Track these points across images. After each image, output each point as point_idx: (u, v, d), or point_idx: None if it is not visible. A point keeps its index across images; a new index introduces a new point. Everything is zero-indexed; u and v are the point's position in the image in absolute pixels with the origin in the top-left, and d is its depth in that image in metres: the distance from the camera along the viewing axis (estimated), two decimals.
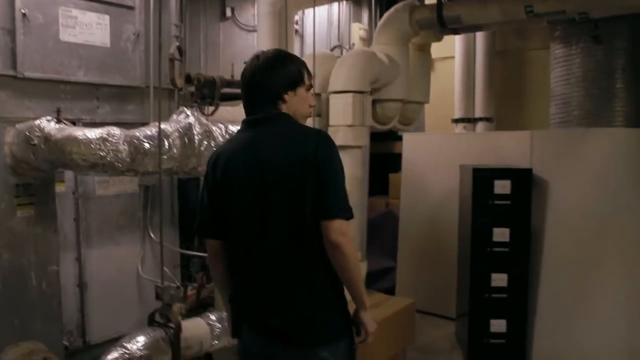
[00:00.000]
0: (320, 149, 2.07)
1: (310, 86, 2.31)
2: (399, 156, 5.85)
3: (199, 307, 4.39)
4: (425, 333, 5.02)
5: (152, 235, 4.57)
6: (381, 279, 6.13)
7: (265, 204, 2.09)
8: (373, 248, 6.02)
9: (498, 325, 4.47)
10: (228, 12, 6.01)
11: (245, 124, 2.30)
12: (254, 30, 5.64)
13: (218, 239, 2.28)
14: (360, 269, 2.20)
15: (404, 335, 4.32)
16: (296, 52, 6.11)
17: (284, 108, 2.20)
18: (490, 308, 4.46)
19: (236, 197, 2.17)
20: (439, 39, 4.98)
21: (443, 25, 4.57)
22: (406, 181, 5.74)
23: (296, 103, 2.24)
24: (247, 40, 6.03)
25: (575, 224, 4.33)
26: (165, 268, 4.37)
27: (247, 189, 2.14)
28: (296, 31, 6.15)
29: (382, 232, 6.15)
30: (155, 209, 4.59)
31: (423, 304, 5.10)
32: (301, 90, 2.25)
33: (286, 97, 2.20)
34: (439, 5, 4.50)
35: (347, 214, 2.07)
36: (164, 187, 4.68)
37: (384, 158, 6.71)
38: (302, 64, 2.30)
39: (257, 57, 2.25)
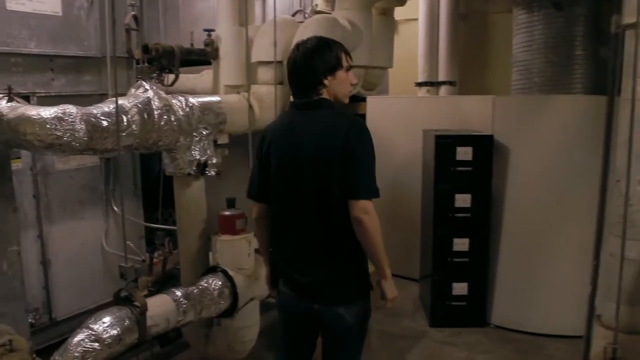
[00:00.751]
0: (350, 136, 2.36)
1: (350, 67, 2.58)
2: (363, 117, 5.83)
3: (165, 279, 4.39)
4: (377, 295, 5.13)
5: (115, 208, 4.52)
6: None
7: (298, 179, 2.46)
8: None
9: (460, 288, 4.61)
10: None
11: (292, 106, 2.64)
12: None
13: (262, 203, 2.68)
14: (381, 242, 2.44)
15: None
16: (257, 15, 5.97)
17: (325, 92, 2.49)
18: (452, 272, 4.59)
19: (278, 169, 2.55)
20: (402, 4, 4.93)
21: None
22: None
23: (336, 85, 2.51)
24: (207, 1, 5.85)
25: (534, 188, 4.43)
26: (129, 242, 4.37)
27: (286, 164, 2.52)
28: None
29: None
30: (117, 182, 4.52)
31: None
32: (340, 73, 2.52)
33: (326, 82, 2.47)
34: None
35: (373, 195, 2.39)
36: (125, 159, 4.60)
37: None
38: (340, 47, 2.57)
39: (297, 47, 2.56)
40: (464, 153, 4.40)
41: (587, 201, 4.20)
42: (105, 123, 3.22)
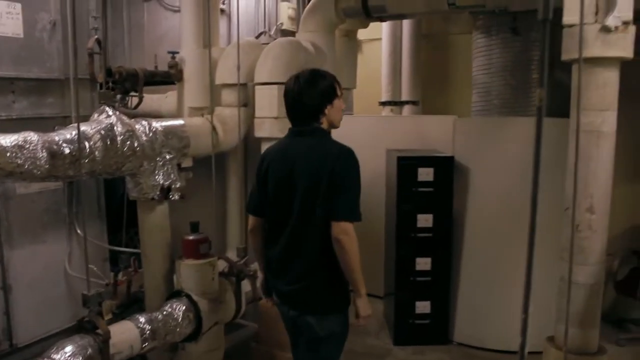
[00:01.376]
0: (338, 163, 2.62)
1: (341, 94, 2.85)
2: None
3: (130, 303, 4.37)
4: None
5: (78, 231, 4.48)
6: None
7: (290, 198, 2.72)
8: None
9: (423, 306, 4.69)
10: None
11: (290, 132, 2.89)
12: (180, 11, 5.49)
13: (258, 216, 2.96)
14: (358, 262, 2.64)
15: None
16: (223, 34, 6.00)
17: (324, 120, 2.78)
18: (415, 290, 4.67)
19: (274, 189, 2.82)
20: (365, 26, 5.02)
21: (368, 14, 4.61)
22: None
23: (333, 113, 2.80)
24: (172, 21, 5.85)
25: (494, 208, 4.54)
26: (92, 266, 4.34)
27: (281, 185, 2.78)
28: (222, 11, 6.03)
29: None
30: (81, 204, 4.49)
31: None
32: (336, 102, 2.80)
33: (326, 111, 2.76)
34: None
35: (353, 218, 2.62)
36: (89, 181, 4.56)
37: None
38: (332, 77, 2.84)
39: (296, 78, 2.80)
40: (426, 174, 4.50)
41: (545, 221, 4.36)
42: (67, 150, 3.22)
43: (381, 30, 6.04)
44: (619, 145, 3.28)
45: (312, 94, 2.74)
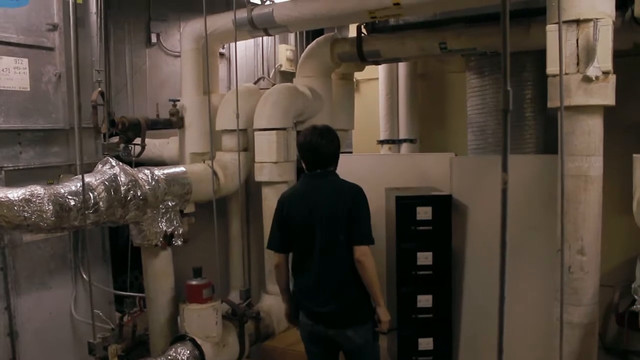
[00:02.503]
0: (354, 200, 3.16)
1: None
2: None
3: (135, 345, 4.43)
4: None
5: (84, 275, 4.56)
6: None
7: (314, 231, 3.16)
8: None
9: (426, 343, 4.70)
10: (154, 38, 6.00)
11: (307, 176, 3.31)
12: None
13: (282, 253, 3.34)
14: (377, 277, 3.18)
15: None
16: (223, 77, 6.16)
17: (335, 165, 3.32)
18: (418, 327, 4.69)
19: (298, 225, 3.23)
20: (361, 69, 5.16)
21: (363, 59, 4.74)
22: None
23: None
24: (174, 65, 6.03)
25: (492, 245, 4.55)
26: (97, 311, 4.41)
27: (305, 221, 3.20)
28: (222, 54, 6.20)
29: None
30: (86, 249, 4.58)
31: None
32: None
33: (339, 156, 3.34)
34: (358, 41, 4.67)
35: (370, 242, 3.16)
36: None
37: None
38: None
39: (314, 129, 3.30)
40: (424, 213, 4.56)
41: (541, 256, 4.42)
42: (72, 202, 3.33)
43: (377, 70, 6.18)
44: (616, 178, 3.37)
45: (331, 144, 3.27)
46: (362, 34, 4.76)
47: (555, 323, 3.06)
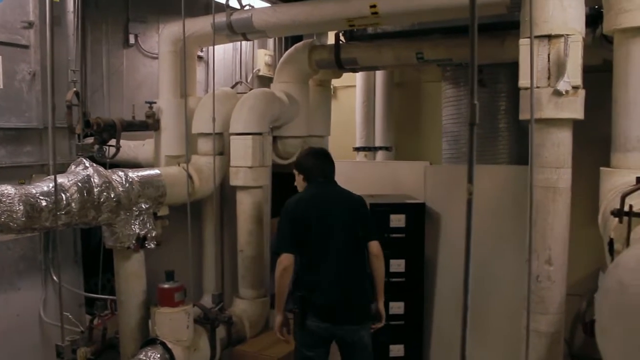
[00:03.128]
0: (364, 204, 3.68)
1: None
2: None
3: (105, 349, 4.38)
4: (333, 354, 5.23)
5: (54, 277, 4.51)
6: (290, 300, 6.29)
7: (331, 232, 3.44)
8: None
9: (397, 349, 4.74)
10: (132, 39, 5.94)
11: (318, 183, 3.62)
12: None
13: (293, 255, 3.42)
14: None
15: None
16: (200, 80, 6.15)
17: None
18: (390, 334, 4.71)
19: (313, 224, 3.44)
20: (339, 76, 5.20)
21: (341, 66, 4.78)
22: None
23: None
24: (151, 67, 5.98)
25: (464, 253, 4.64)
26: (67, 313, 4.36)
27: (320, 220, 3.45)
28: (200, 57, 6.19)
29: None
30: (57, 250, 4.52)
31: None
32: None
33: None
34: (336, 48, 4.71)
35: (380, 237, 3.61)
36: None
37: (291, 177, 6.84)
38: None
39: (316, 148, 4.06)
40: (398, 220, 4.60)
41: (511, 266, 4.49)
42: (44, 203, 3.29)
43: (355, 77, 6.23)
44: (585, 190, 3.43)
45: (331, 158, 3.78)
46: (340, 42, 4.80)
47: (522, 331, 3.12)
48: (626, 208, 1.79)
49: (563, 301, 3.07)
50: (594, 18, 3.66)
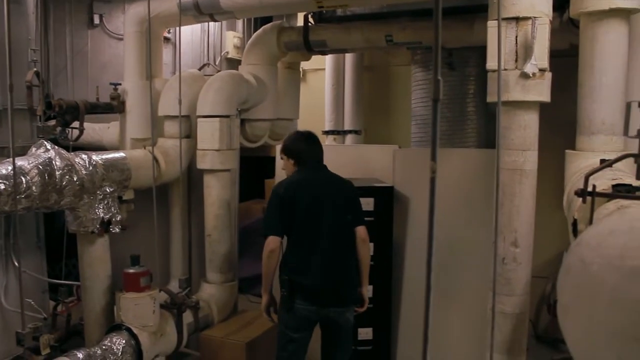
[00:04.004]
0: (353, 189, 3.68)
1: None
2: (274, 159, 5.96)
3: (69, 335, 4.31)
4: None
5: (15, 263, 4.40)
6: (258, 285, 6.23)
7: (321, 215, 3.44)
8: (249, 254, 6.14)
9: (365, 333, 4.73)
10: (96, 19, 5.79)
11: (309, 167, 3.59)
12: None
13: (280, 237, 3.40)
14: None
15: (274, 352, 4.48)
16: (168, 62, 6.03)
17: None
18: (358, 317, 4.71)
19: (303, 208, 3.43)
20: (308, 59, 5.14)
21: (310, 49, 4.73)
22: None
23: None
24: (117, 48, 5.84)
25: None
26: (29, 300, 4.27)
27: (311, 205, 3.45)
28: (167, 39, 6.06)
29: (257, 238, 6.26)
30: (17, 235, 4.41)
31: None
32: None
33: None
34: (305, 30, 4.65)
35: (365, 223, 3.61)
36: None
37: (260, 161, 6.79)
38: None
39: (305, 131, 3.78)
40: (366, 203, 4.57)
41: (480, 248, 4.52)
42: (2, 186, 3.20)
43: (324, 60, 6.18)
44: (551, 174, 3.47)
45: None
46: (309, 24, 4.75)
47: (488, 312, 3.14)
48: (589, 188, 1.80)
49: (528, 283, 3.11)
50: (560, 2, 3.67)
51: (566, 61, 3.39)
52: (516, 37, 2.83)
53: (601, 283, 1.09)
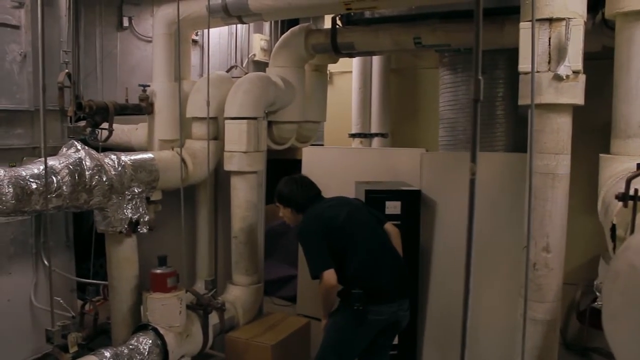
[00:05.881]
0: (360, 200, 4.09)
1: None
2: (300, 162, 5.96)
3: (97, 333, 4.34)
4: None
5: (45, 262, 4.46)
6: (283, 287, 6.28)
7: (354, 223, 3.55)
8: (274, 256, 6.15)
9: None
10: (125, 22, 5.86)
11: (319, 199, 3.76)
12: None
13: (334, 268, 3.37)
14: None
15: (299, 355, 4.47)
16: (195, 64, 6.07)
17: None
18: None
19: (339, 226, 3.51)
20: (335, 61, 5.13)
21: (337, 51, 4.72)
22: None
23: None
24: (145, 51, 5.91)
25: (460, 241, 4.59)
26: (58, 298, 4.32)
27: (343, 220, 3.53)
28: (195, 42, 6.11)
29: (283, 240, 6.27)
30: (48, 234, 4.47)
31: None
32: None
33: None
34: (333, 32, 4.64)
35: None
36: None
37: (287, 164, 6.79)
38: None
39: (297, 176, 3.96)
40: (393, 207, 4.56)
41: (509, 253, 4.45)
42: (34, 185, 3.23)
43: (352, 63, 6.17)
44: (580, 179, 3.40)
45: None
46: (337, 26, 4.73)
47: (519, 319, 3.09)
48: (631, 192, 1.75)
49: (560, 289, 3.04)
50: (593, 3, 3.60)
51: (598, 64, 3.33)
52: (549, 38, 2.78)
53: None
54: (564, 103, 2.80)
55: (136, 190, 3.86)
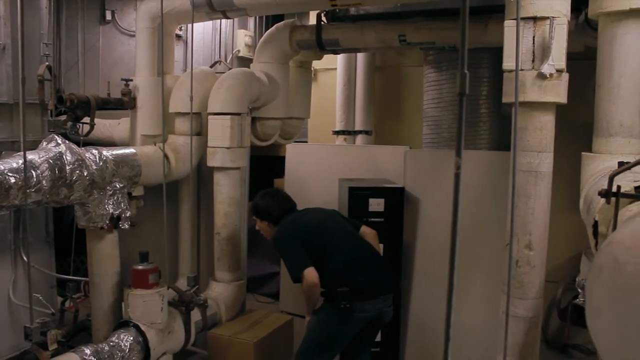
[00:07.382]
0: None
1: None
2: (284, 159, 5.95)
3: (77, 331, 4.29)
4: None
5: (24, 257, 4.39)
6: (266, 284, 6.26)
7: (331, 225, 3.64)
8: (257, 253, 6.12)
9: None
10: (108, 16, 5.80)
11: (294, 209, 3.83)
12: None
13: (313, 266, 3.41)
14: None
15: (282, 352, 4.46)
16: (179, 59, 6.02)
17: None
18: None
19: (315, 228, 3.59)
20: (320, 58, 5.11)
21: (322, 47, 4.70)
22: (289, 189, 5.84)
23: None
24: (128, 45, 5.85)
25: (443, 238, 4.62)
26: (37, 295, 4.26)
27: (319, 222, 3.63)
28: (179, 36, 6.06)
29: (265, 238, 6.24)
30: (27, 230, 4.40)
31: None
32: None
33: None
34: (317, 29, 4.63)
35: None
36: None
37: (270, 160, 6.78)
38: None
39: (273, 190, 4.12)
40: (377, 204, 4.56)
41: (491, 251, 4.48)
42: (13, 180, 3.17)
43: (336, 60, 6.16)
44: (563, 177, 3.43)
45: None
46: (322, 22, 4.72)
47: (501, 316, 3.11)
48: (614, 189, 1.76)
49: (542, 286, 3.07)
50: (576, 3, 3.63)
51: (580, 64, 3.36)
52: (533, 37, 2.80)
53: (637, 283, 1.06)
54: (547, 101, 2.82)
55: (118, 186, 3.81)
